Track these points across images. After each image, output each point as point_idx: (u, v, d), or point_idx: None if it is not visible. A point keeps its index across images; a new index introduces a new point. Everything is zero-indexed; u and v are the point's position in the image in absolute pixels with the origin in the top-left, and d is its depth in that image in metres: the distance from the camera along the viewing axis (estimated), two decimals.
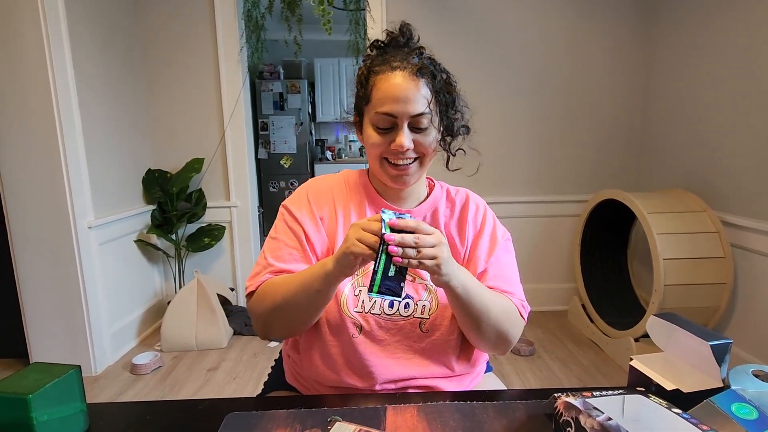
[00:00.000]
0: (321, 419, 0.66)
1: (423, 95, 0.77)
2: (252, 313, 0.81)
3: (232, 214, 2.78)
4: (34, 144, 1.95)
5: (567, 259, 2.85)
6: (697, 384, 0.65)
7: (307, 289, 0.73)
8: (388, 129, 0.78)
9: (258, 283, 0.80)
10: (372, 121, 0.79)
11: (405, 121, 0.77)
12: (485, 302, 0.75)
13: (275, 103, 4.42)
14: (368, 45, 0.86)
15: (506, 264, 0.86)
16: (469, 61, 2.64)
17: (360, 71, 0.84)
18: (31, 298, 2.06)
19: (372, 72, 0.80)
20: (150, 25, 2.58)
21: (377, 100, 0.78)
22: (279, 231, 0.84)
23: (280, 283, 0.78)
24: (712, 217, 2.06)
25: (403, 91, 0.76)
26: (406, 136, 0.77)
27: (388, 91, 0.77)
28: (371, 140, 0.80)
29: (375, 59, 0.82)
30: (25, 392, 0.56)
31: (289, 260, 0.81)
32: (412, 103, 0.76)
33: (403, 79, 0.77)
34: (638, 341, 2.08)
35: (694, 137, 2.31)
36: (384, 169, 0.81)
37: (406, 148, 0.77)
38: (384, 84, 0.78)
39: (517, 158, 2.78)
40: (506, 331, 0.79)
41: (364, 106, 0.82)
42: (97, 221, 2.15)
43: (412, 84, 0.77)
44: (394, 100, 0.76)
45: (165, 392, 2.01)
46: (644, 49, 2.67)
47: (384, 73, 0.78)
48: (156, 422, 0.67)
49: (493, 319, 0.77)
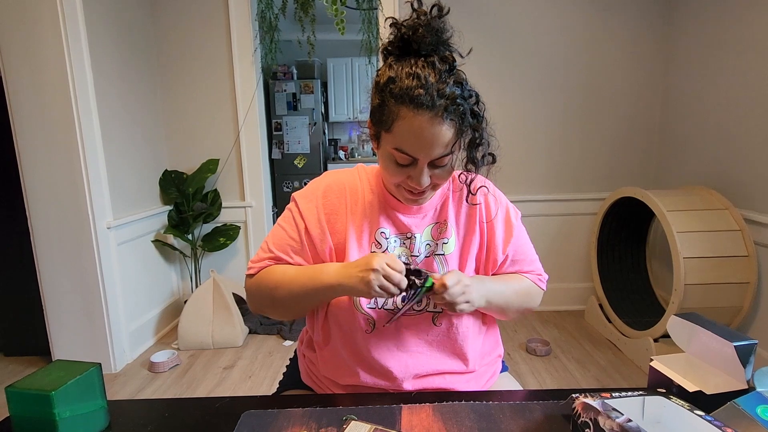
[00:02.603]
0: (336, 418, 0.66)
1: (449, 136, 0.71)
2: (249, 295, 0.86)
3: (246, 214, 2.80)
4: (54, 147, 2.00)
5: (584, 258, 2.81)
6: (720, 386, 0.64)
7: (309, 295, 0.79)
8: (406, 163, 0.74)
9: (258, 269, 0.84)
10: (390, 153, 0.74)
11: (425, 161, 0.73)
12: (506, 298, 0.84)
13: (289, 104, 4.45)
14: (382, 48, 0.77)
15: (524, 244, 0.90)
16: (484, 59, 2.62)
17: (379, 85, 0.74)
18: (52, 297, 2.11)
19: (393, 96, 0.70)
20: (166, 27, 2.62)
21: (398, 135, 0.71)
22: (285, 220, 0.87)
23: (281, 277, 0.81)
24: (735, 215, 2.01)
25: (427, 136, 0.70)
26: (425, 175, 0.74)
27: (411, 133, 0.70)
28: (388, 171, 0.77)
29: (398, 77, 0.70)
30: (48, 389, 0.57)
31: (288, 251, 0.84)
32: (435, 147, 0.71)
33: (429, 123, 0.69)
34: (657, 341, 2.04)
35: (716, 133, 2.26)
36: (399, 192, 0.80)
37: (424, 188, 0.76)
38: (406, 124, 0.70)
39: (533, 156, 2.74)
40: (528, 307, 0.90)
41: (383, 131, 0.75)
42: (115, 222, 2.19)
43: (437, 129, 0.69)
44: (417, 145, 0.71)
45: (182, 390, 2.04)
46: (663, 43, 2.61)
47: (407, 107, 0.69)
48: (174, 420, 0.68)
49: (515, 305, 0.86)
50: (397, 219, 0.84)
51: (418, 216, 0.84)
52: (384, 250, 0.82)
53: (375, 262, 0.70)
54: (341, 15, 2.13)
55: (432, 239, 0.84)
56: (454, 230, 0.84)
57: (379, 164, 0.82)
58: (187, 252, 2.73)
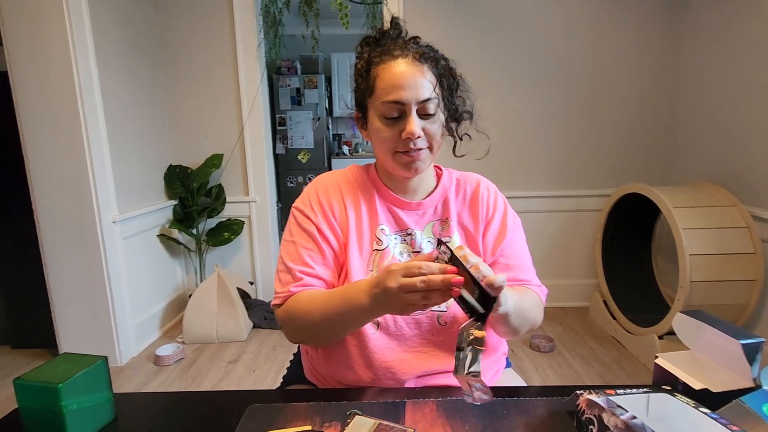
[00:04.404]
0: (340, 413, 0.66)
1: (428, 80, 0.76)
2: (283, 327, 0.81)
3: (251, 209, 2.81)
4: (60, 142, 2.01)
5: (588, 254, 2.80)
6: (726, 383, 0.63)
7: (344, 320, 0.73)
8: (396, 119, 0.77)
9: (284, 297, 0.79)
10: (379, 112, 0.78)
11: (413, 107, 0.76)
12: (524, 313, 0.76)
13: (292, 99, 4.44)
14: (359, 42, 0.85)
15: (520, 250, 0.87)
16: (487, 52, 2.60)
17: (358, 65, 0.82)
18: (59, 291, 2.12)
19: (372, 63, 0.79)
20: (170, 22, 2.61)
21: (382, 90, 0.76)
22: (293, 234, 0.84)
23: (311, 305, 0.76)
24: (742, 212, 1.99)
25: (408, 77, 0.75)
26: (416, 123, 0.76)
27: (393, 79, 0.75)
28: (381, 134, 0.79)
29: (372, 51, 0.80)
30: (55, 381, 0.58)
31: (309, 262, 0.80)
32: (419, 88, 0.75)
33: (407, 65, 0.76)
34: (662, 339, 2.03)
35: (724, 129, 2.23)
36: (396, 159, 0.80)
37: (417, 135, 0.76)
38: (387, 73, 0.76)
39: (537, 151, 2.73)
40: (536, 324, 0.83)
41: (368, 99, 0.80)
42: (121, 216, 2.20)
43: (416, 69, 0.76)
44: (400, 88, 0.75)
45: (187, 383, 2.06)
46: (671, 37, 2.58)
47: (386, 62, 0.77)
48: (180, 413, 0.69)
49: (529, 322, 0.79)
50: (396, 215, 0.85)
51: (418, 212, 0.85)
52: (385, 248, 0.82)
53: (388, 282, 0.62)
54: (345, 9, 2.12)
55: (433, 237, 0.84)
56: (456, 229, 0.85)
57: (372, 142, 0.83)
58: (192, 246, 2.74)
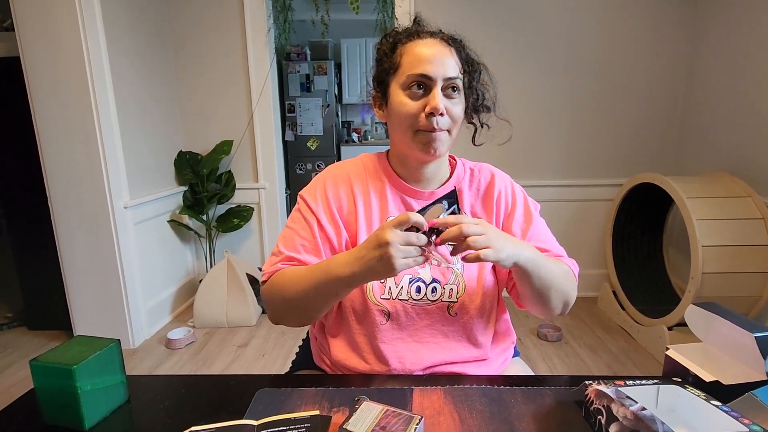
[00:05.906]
0: (348, 398, 0.67)
1: (455, 61, 0.78)
2: (264, 302, 0.82)
3: (260, 196, 2.82)
4: (72, 129, 2.02)
5: (598, 244, 2.77)
6: (738, 376, 0.63)
7: (323, 292, 0.72)
8: (419, 96, 0.76)
9: (270, 272, 0.80)
10: (403, 86, 0.77)
11: (439, 83, 0.75)
12: (552, 270, 0.75)
13: (302, 85, 4.42)
14: (382, 37, 0.86)
15: (546, 232, 0.88)
16: (498, 39, 2.56)
17: (383, 47, 0.83)
18: (73, 275, 2.16)
19: (399, 42, 0.80)
20: (180, 7, 2.60)
21: (408, 64, 0.77)
22: (294, 220, 0.84)
23: (292, 277, 0.76)
24: (757, 203, 1.95)
25: (437, 54, 0.76)
26: (440, 99, 0.75)
27: (421, 54, 0.76)
28: (404, 108, 0.77)
29: (399, 33, 0.82)
30: (70, 363, 0.59)
31: (300, 250, 0.80)
32: (446, 66, 0.76)
33: (436, 44, 0.78)
34: (672, 330, 2.01)
35: (741, 118, 2.18)
36: (415, 139, 0.78)
37: (441, 112, 0.75)
38: (415, 49, 0.77)
39: (548, 140, 2.69)
40: (570, 297, 0.81)
41: (391, 76, 0.79)
42: (132, 202, 2.23)
43: (445, 49, 0.77)
44: (428, 62, 0.75)
45: (198, 366, 2.10)
46: (688, 25, 2.51)
47: (414, 41, 0.79)
48: (191, 395, 0.70)
49: (559, 287, 0.77)
50: (408, 204, 0.84)
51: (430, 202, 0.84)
52: None
53: (386, 235, 0.62)
54: None
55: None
56: None
57: (391, 121, 0.81)
58: (202, 232, 2.77)
